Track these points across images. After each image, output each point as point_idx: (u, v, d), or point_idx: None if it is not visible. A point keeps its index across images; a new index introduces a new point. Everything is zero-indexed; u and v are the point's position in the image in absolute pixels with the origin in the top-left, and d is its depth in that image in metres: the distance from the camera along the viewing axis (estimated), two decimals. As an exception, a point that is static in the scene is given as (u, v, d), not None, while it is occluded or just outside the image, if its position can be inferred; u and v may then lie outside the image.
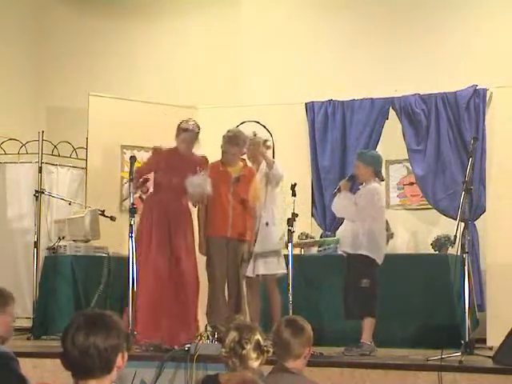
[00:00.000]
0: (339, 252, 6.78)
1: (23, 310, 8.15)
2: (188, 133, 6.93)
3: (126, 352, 2.59)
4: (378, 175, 6.59)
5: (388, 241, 7.57)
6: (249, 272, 6.91)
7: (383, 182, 8.70)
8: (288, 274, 6.23)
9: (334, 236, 8.46)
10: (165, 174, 6.89)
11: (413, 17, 9.05)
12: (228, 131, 6.98)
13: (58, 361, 2.63)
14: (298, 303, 6.38)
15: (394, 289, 7.41)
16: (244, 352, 3.44)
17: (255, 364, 3.47)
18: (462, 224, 6.02)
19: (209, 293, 6.89)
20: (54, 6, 10.19)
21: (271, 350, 3.53)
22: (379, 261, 6.42)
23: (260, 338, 3.48)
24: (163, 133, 6.96)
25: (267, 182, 7.18)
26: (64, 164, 8.96)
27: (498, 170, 7.74)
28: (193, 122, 6.99)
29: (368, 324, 6.33)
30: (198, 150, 7.12)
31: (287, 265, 6.32)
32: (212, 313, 6.76)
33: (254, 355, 3.46)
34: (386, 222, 7.03)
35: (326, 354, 5.99)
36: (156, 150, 7.10)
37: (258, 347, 3.46)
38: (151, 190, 7.11)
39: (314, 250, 8.26)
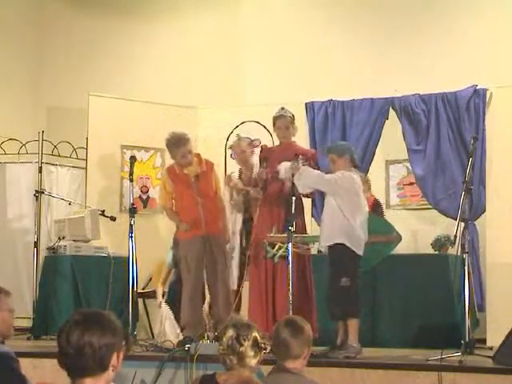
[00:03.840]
0: (321, 249, 6.65)
1: (23, 310, 8.16)
2: (281, 119, 6.88)
3: (124, 352, 2.59)
4: (353, 162, 6.31)
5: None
6: None
7: (383, 182, 8.78)
8: (288, 273, 6.21)
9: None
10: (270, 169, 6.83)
11: (413, 17, 9.05)
12: (166, 138, 6.72)
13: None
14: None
15: (393, 289, 7.42)
16: (242, 349, 3.44)
17: (253, 362, 3.47)
18: (462, 224, 6.01)
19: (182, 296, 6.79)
20: (54, 6, 10.20)
21: (268, 347, 3.54)
22: (359, 252, 6.12)
23: (257, 336, 3.49)
24: (163, 133, 6.94)
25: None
26: (64, 164, 8.97)
27: (498, 170, 7.75)
28: (283, 107, 6.94)
29: (353, 325, 6.06)
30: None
31: (287, 265, 6.29)
32: (185, 321, 6.67)
33: (251, 353, 3.46)
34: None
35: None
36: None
37: (256, 344, 3.47)
38: None
39: (314, 251, 8.26)
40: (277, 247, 6.58)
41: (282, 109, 6.96)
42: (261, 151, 7.22)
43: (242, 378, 3.45)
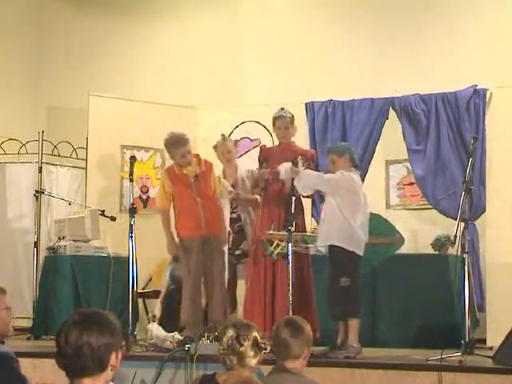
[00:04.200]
0: (320, 249, 6.65)
1: (23, 310, 8.16)
2: (281, 120, 6.87)
3: (123, 352, 2.59)
4: (353, 161, 6.32)
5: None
6: None
7: (383, 182, 8.76)
8: (288, 273, 6.22)
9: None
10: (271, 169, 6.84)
11: (413, 17, 9.05)
12: (165, 139, 6.75)
13: (57, 361, 2.63)
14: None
15: (393, 289, 7.41)
16: (242, 349, 3.45)
17: (253, 362, 3.47)
18: (462, 224, 6.01)
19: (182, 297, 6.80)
20: (54, 6, 10.20)
21: (268, 347, 3.54)
22: (359, 252, 6.13)
23: (257, 336, 3.49)
24: (163, 133, 6.96)
25: (252, 185, 7.18)
26: (64, 164, 8.97)
27: (498, 170, 7.74)
28: (283, 108, 6.93)
29: (353, 325, 6.07)
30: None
31: (287, 264, 6.29)
32: (185, 321, 6.68)
33: (251, 353, 3.46)
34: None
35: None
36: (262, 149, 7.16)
37: (256, 344, 3.47)
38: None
39: (313, 250, 8.26)
40: (275, 244, 6.59)
41: (282, 109, 6.96)
42: (260, 151, 7.22)
43: (242, 378, 3.45)
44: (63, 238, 7.92)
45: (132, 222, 6.54)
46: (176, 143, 6.68)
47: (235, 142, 7.57)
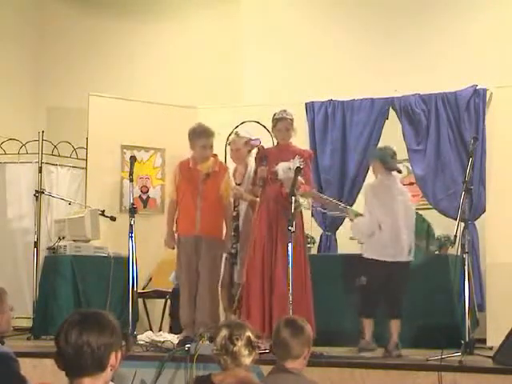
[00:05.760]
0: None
1: (23, 310, 8.16)
2: (282, 122, 6.87)
3: (123, 351, 2.59)
4: (385, 164, 6.49)
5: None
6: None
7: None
8: (288, 274, 6.21)
9: (335, 237, 8.49)
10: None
11: (413, 17, 9.06)
12: (192, 127, 6.84)
13: (57, 361, 2.63)
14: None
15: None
16: (235, 349, 3.45)
17: (247, 361, 3.48)
18: (462, 224, 6.02)
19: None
20: (54, 6, 10.20)
21: (262, 346, 3.55)
22: (376, 256, 6.30)
23: (251, 335, 3.50)
24: (163, 133, 6.98)
25: (252, 183, 7.18)
26: (64, 164, 8.97)
27: (498, 170, 7.74)
28: (285, 110, 6.92)
29: (367, 325, 6.34)
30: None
31: (287, 265, 6.28)
32: (184, 321, 6.69)
33: (245, 352, 3.47)
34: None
35: (327, 354, 5.97)
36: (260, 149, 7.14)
37: (250, 344, 3.47)
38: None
39: (314, 251, 8.27)
40: (305, 202, 6.64)
41: (284, 111, 6.95)
42: (258, 152, 7.20)
43: (239, 378, 3.45)
44: (63, 238, 7.92)
45: (132, 222, 6.53)
46: (201, 133, 6.75)
47: (248, 141, 7.52)
